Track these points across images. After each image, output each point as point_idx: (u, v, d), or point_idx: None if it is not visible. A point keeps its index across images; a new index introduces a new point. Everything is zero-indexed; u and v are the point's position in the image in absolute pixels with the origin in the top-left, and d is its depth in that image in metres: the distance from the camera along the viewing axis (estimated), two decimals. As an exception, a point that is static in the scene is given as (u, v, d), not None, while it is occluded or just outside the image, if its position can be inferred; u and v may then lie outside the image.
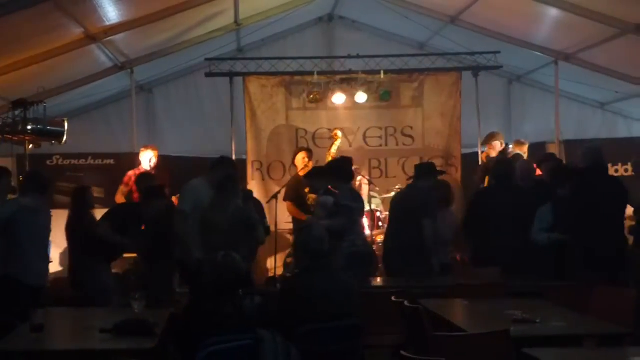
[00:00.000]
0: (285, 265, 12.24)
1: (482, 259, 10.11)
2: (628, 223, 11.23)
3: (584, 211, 9.52)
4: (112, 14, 10.61)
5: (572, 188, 9.80)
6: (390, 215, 11.11)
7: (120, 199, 12.24)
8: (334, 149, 12.84)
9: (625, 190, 9.95)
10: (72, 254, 10.46)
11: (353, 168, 11.27)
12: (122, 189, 12.29)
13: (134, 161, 12.78)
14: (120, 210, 10.62)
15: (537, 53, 13.83)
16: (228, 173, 9.68)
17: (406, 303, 7.34)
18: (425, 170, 10.73)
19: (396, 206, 10.79)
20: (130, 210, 10.51)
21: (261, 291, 7.79)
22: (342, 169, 10.42)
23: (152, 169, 12.50)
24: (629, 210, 10.84)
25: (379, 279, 10.82)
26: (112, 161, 13.91)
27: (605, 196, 9.61)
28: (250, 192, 11.03)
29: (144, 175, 11.66)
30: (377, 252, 11.84)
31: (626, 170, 14.09)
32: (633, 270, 9.55)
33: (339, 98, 13.42)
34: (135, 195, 11.80)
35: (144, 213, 10.10)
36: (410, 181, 10.87)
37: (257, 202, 11.10)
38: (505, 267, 9.46)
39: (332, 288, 6.79)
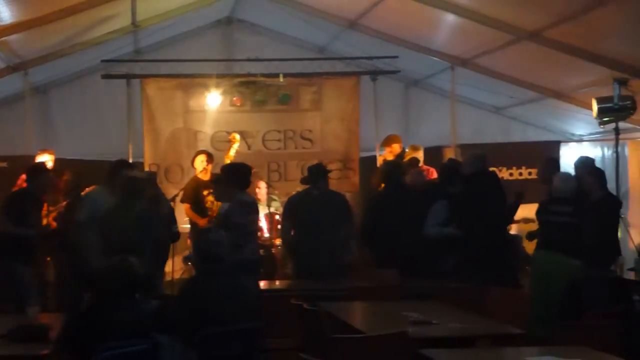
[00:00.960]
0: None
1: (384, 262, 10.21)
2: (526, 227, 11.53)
3: (467, 214, 9.79)
4: (5, 14, 10.41)
5: (462, 189, 10.12)
6: (299, 219, 10.63)
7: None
8: (232, 152, 12.78)
9: (504, 196, 10.23)
10: None
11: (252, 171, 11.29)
12: (16, 191, 12.04)
13: (29, 164, 12.50)
14: (13, 198, 10.33)
15: (434, 58, 13.99)
16: (128, 175, 9.60)
17: (305, 305, 7.34)
18: (321, 172, 10.76)
19: (308, 209, 10.52)
20: (22, 195, 10.26)
21: (160, 295, 7.71)
22: (239, 175, 10.05)
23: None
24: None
25: (277, 282, 10.84)
26: (5, 164, 13.64)
27: (488, 201, 9.89)
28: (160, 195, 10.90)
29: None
30: (277, 255, 11.86)
31: (520, 174, 14.36)
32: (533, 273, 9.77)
33: (238, 101, 13.38)
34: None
35: (33, 192, 9.94)
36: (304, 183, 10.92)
37: (168, 206, 11.15)
38: (405, 269, 9.57)
39: (230, 292, 6.76)
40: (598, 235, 9.33)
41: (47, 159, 12.35)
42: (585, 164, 10.59)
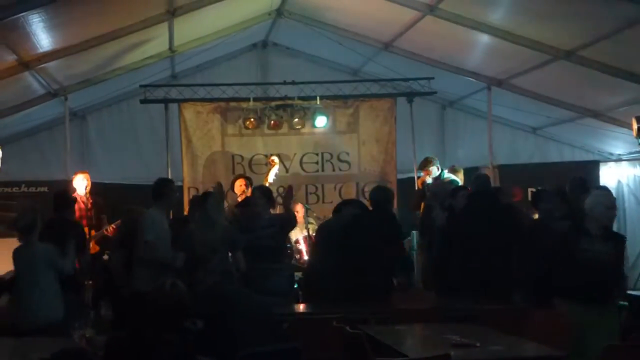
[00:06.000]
0: None
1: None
2: None
3: (462, 232, 10.13)
4: (45, 41, 10.51)
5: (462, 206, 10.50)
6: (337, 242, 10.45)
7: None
8: (271, 176, 12.81)
9: (511, 215, 10.38)
10: None
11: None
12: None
13: (68, 188, 12.64)
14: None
15: (470, 79, 13.98)
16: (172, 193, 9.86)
17: (347, 328, 7.34)
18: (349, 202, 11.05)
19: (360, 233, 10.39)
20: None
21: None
22: (271, 196, 10.49)
23: (87, 194, 12.36)
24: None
25: (315, 304, 10.84)
26: (45, 189, 13.80)
27: (486, 220, 10.09)
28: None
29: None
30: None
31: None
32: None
33: (275, 124, 13.45)
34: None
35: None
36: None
37: None
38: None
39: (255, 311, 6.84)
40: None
41: (85, 181, 12.45)
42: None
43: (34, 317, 8.48)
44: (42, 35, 10.27)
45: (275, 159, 13.06)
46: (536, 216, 10.51)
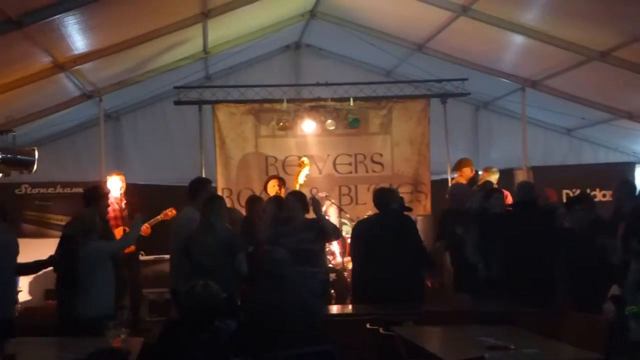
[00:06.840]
0: None
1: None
2: None
3: (507, 241, 10.02)
4: (80, 43, 10.57)
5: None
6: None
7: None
8: (301, 177, 12.83)
9: (552, 225, 10.22)
10: None
11: (323, 195, 11.47)
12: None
13: (99, 184, 12.67)
14: None
15: (504, 80, 13.93)
16: (212, 192, 9.87)
17: (381, 330, 7.34)
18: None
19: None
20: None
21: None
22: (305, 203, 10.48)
23: (122, 195, 12.42)
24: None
25: (350, 307, 10.85)
26: (80, 189, 13.83)
27: (530, 228, 9.96)
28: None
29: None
30: (349, 279, 11.84)
31: (594, 196, 14.16)
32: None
33: (308, 125, 13.45)
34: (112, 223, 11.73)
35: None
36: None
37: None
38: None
39: (299, 309, 6.83)
40: None
41: (119, 182, 12.51)
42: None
43: (96, 309, 8.57)
44: (77, 37, 10.33)
45: (306, 160, 13.10)
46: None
